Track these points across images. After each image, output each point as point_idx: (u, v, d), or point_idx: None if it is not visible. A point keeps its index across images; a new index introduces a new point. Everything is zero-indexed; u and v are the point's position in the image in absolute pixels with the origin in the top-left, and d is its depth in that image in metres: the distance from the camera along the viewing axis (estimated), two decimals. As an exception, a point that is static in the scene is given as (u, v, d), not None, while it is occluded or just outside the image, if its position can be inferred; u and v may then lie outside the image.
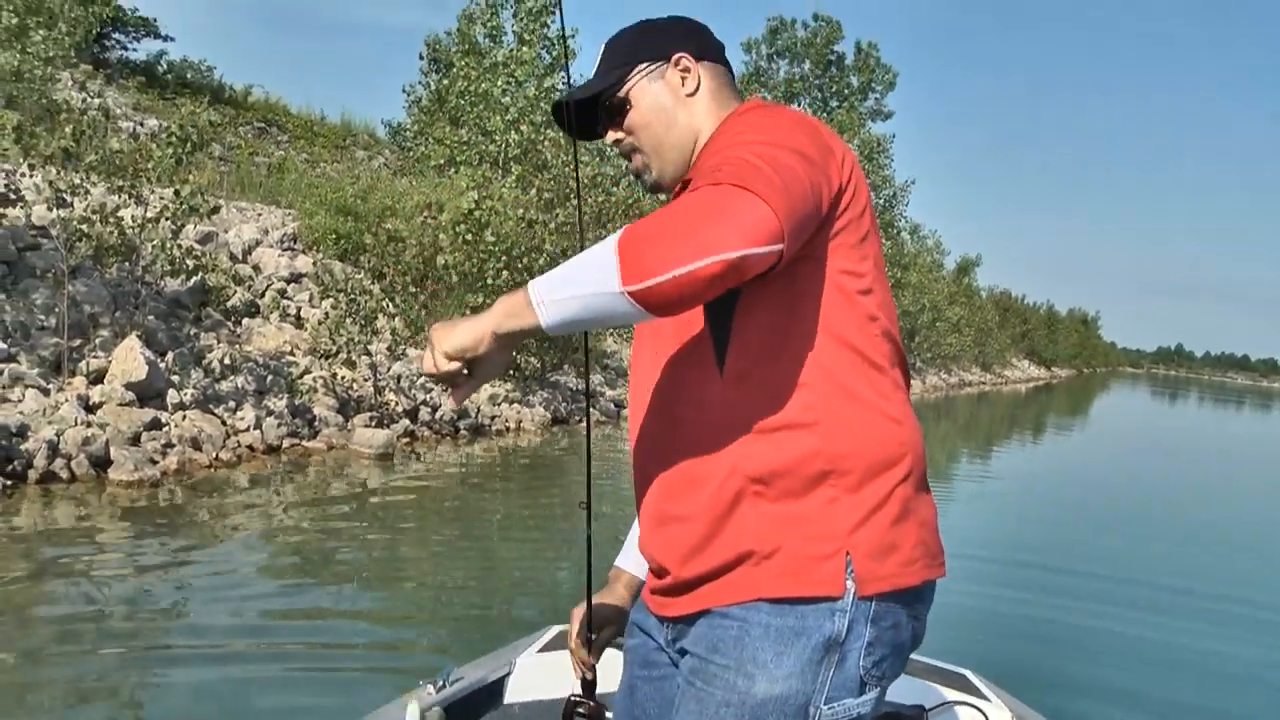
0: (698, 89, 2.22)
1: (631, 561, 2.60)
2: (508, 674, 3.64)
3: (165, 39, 28.64)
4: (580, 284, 1.78)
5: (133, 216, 12.83)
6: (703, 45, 2.27)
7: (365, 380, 15.02)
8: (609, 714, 2.50)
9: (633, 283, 1.73)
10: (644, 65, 2.21)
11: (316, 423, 13.57)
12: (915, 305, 49.58)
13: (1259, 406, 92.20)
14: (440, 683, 3.38)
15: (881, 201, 50.35)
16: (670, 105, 2.21)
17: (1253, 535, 16.16)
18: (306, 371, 14.48)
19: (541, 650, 3.80)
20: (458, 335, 1.89)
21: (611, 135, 2.27)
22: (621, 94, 2.22)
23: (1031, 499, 18.21)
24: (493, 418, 16.97)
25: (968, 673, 4.05)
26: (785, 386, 2.00)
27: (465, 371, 1.94)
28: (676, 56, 2.22)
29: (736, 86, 2.32)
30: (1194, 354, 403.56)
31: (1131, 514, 17.04)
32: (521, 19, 27.92)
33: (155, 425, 11.16)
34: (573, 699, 2.57)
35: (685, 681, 2.06)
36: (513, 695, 3.61)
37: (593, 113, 2.27)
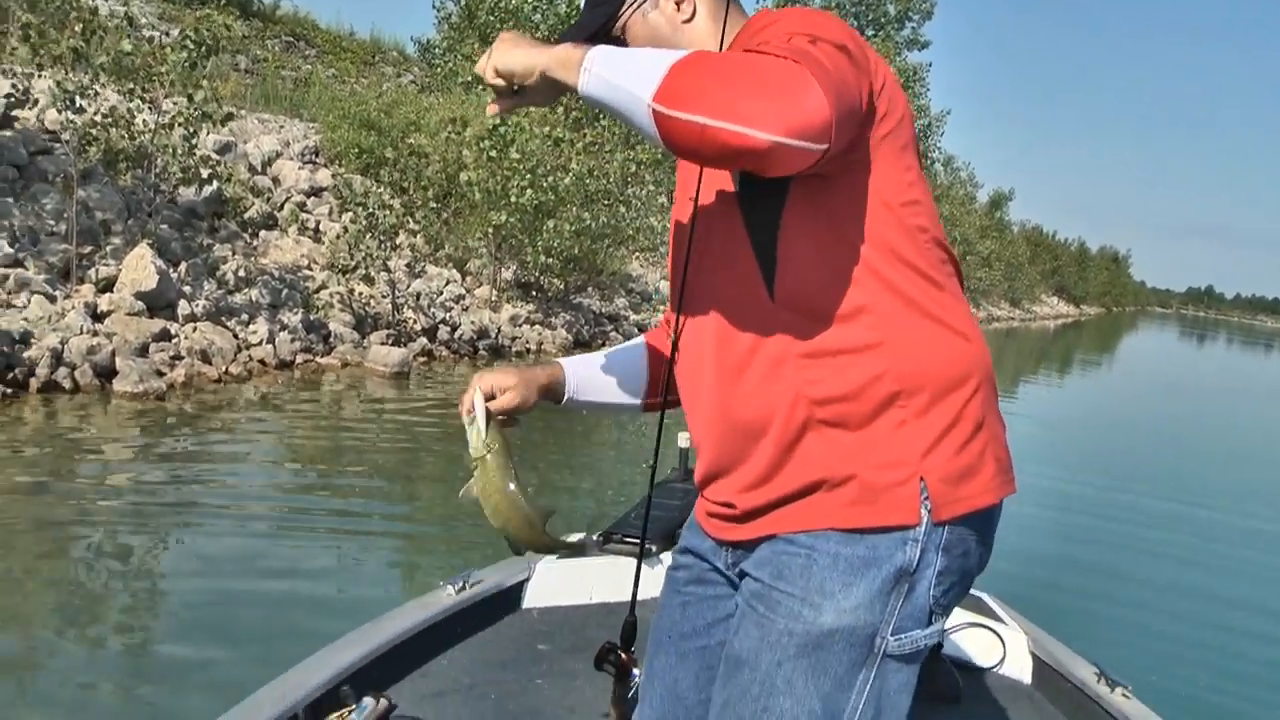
0: (694, 14, 2.10)
1: (576, 370, 2.42)
2: (527, 579, 3.78)
3: (195, -51, 28.15)
4: (626, 75, 1.74)
5: (144, 122, 12.46)
6: None
7: (383, 297, 14.71)
8: (636, 671, 2.43)
9: (661, 103, 1.68)
10: None
11: (331, 339, 13.27)
12: (946, 238, 49.03)
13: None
14: (460, 584, 3.48)
15: (916, 131, 49.62)
16: (668, 35, 2.09)
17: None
18: (323, 286, 14.18)
19: (561, 556, 3.82)
20: (514, 58, 1.87)
21: None
22: (614, 32, 2.10)
23: (1056, 433, 18.22)
24: (513, 339, 16.66)
25: (985, 596, 4.14)
26: (842, 308, 1.91)
27: (513, 88, 1.91)
28: None
29: (739, 1, 2.18)
30: (1224, 296, 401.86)
31: (1156, 451, 16.98)
32: (553, -65, 27.35)
33: (164, 336, 10.87)
34: (607, 646, 2.50)
35: (746, 605, 2.00)
36: (531, 600, 3.77)
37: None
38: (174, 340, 10.99)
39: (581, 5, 2.20)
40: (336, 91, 21.85)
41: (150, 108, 12.51)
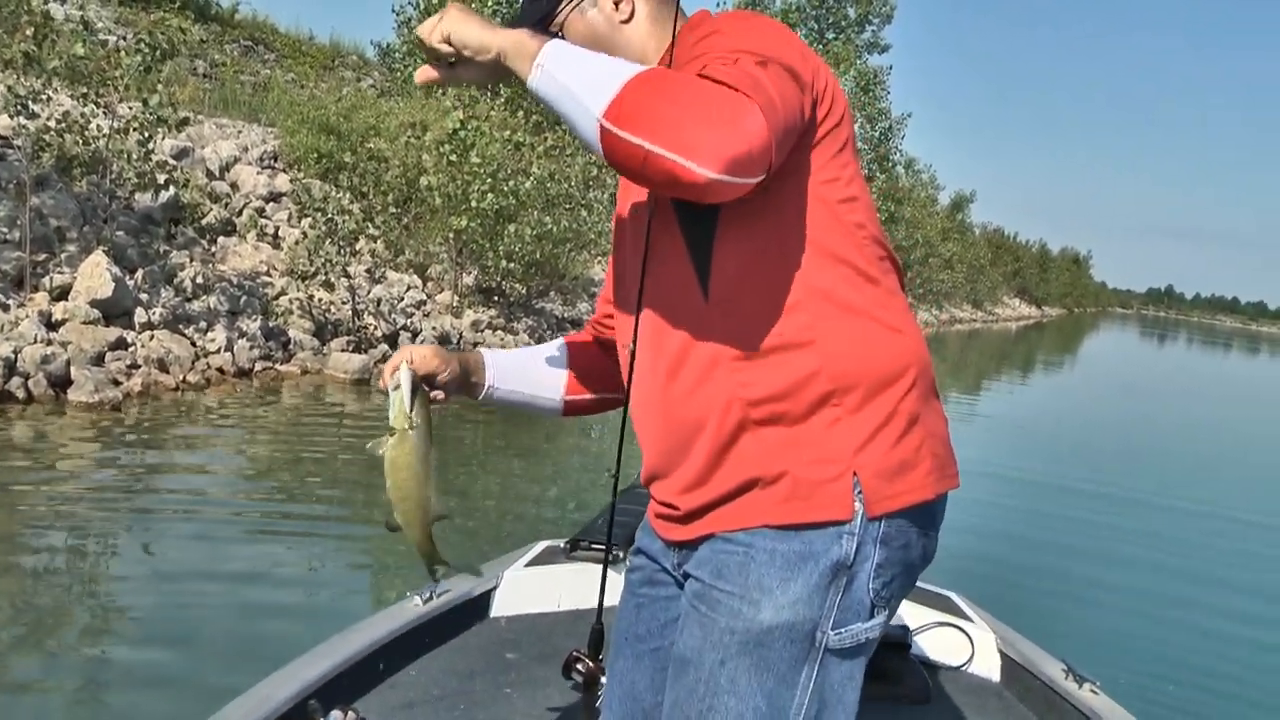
0: (633, 13, 2.10)
1: (497, 360, 2.42)
2: (494, 588, 3.76)
3: (154, -48, 27.86)
4: (579, 81, 1.74)
5: (97, 127, 12.29)
6: None
7: (344, 303, 14.58)
8: (604, 679, 2.41)
9: (611, 120, 1.69)
10: None
11: (291, 345, 13.14)
12: (909, 240, 49.16)
13: (1246, 350, 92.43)
14: (428, 594, 3.47)
15: (877, 134, 49.77)
16: (606, 34, 2.09)
17: (1233, 467, 16.14)
18: (282, 293, 14.04)
19: (529, 564, 3.90)
20: (469, 31, 1.85)
21: None
22: (550, 28, 2.07)
23: (1021, 432, 18.47)
24: (475, 344, 16.54)
25: (953, 595, 4.13)
26: (775, 308, 1.93)
27: (451, 61, 1.90)
28: None
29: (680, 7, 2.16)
30: (1184, 296, 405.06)
31: (1118, 449, 17.16)
32: (513, -62, 27.27)
33: (121, 345, 10.72)
34: (574, 654, 2.55)
35: (689, 605, 2.02)
36: (499, 609, 3.74)
37: None
38: (130, 349, 10.84)
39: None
40: (295, 96, 21.69)
41: (105, 112, 12.35)
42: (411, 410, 2.15)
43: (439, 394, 2.27)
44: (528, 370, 2.44)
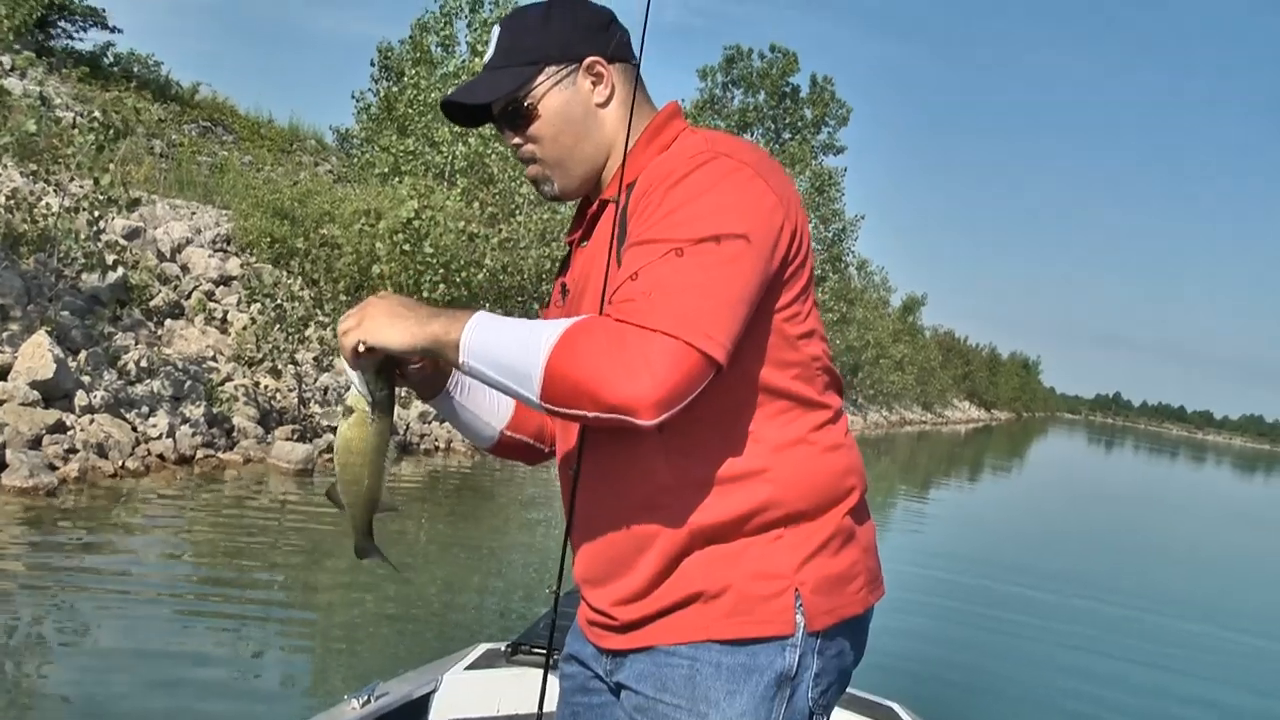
0: (610, 98, 2.10)
1: (465, 382, 2.36)
2: (434, 690, 3.66)
3: (113, 30, 27.79)
4: (503, 369, 1.84)
5: (47, 205, 12.15)
6: (614, 43, 2.12)
7: (290, 391, 14.41)
8: None
9: (547, 403, 1.81)
10: (552, 69, 2.07)
11: (235, 433, 12.93)
12: (860, 341, 49.45)
13: (1192, 459, 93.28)
14: (365, 698, 3.35)
15: (831, 235, 50.16)
16: (580, 117, 2.09)
17: (1182, 575, 16.25)
18: (228, 379, 13.84)
19: (469, 668, 3.82)
20: (389, 337, 1.92)
21: (510, 138, 2.15)
22: (526, 100, 2.08)
23: (965, 536, 18.67)
24: (422, 435, 16.37)
25: (895, 705, 4.10)
26: (729, 439, 1.96)
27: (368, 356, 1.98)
28: (589, 60, 2.08)
29: (645, 88, 2.17)
30: (1131, 403, 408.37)
31: (1061, 554, 17.15)
32: (476, 29, 27.46)
33: (59, 428, 10.49)
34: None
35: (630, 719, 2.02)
36: (438, 713, 3.65)
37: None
38: (69, 432, 10.61)
39: (487, 60, 2.13)
40: (251, 179, 21.60)
41: (56, 190, 12.22)
42: (375, 391, 2.07)
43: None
44: (485, 393, 2.37)
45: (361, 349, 1.95)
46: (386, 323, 1.92)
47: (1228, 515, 35.34)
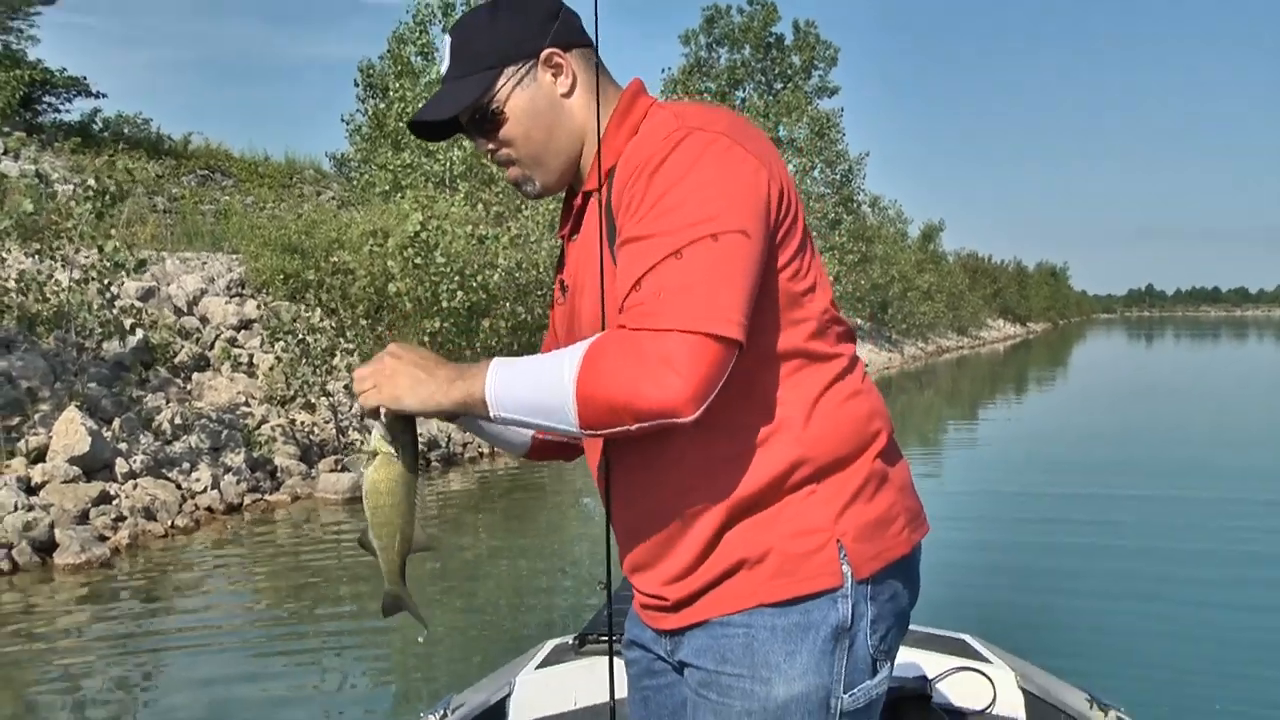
0: (573, 87, 2.10)
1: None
2: (508, 694, 3.66)
3: (98, 96, 27.92)
4: (535, 410, 1.89)
5: (56, 281, 12.18)
6: (568, 29, 2.11)
7: (326, 423, 14.43)
8: None
9: (587, 428, 1.85)
10: (510, 69, 2.06)
11: (279, 474, 12.95)
12: (884, 277, 49.22)
13: (1234, 336, 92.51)
14: (441, 712, 3.37)
15: (838, 177, 49.89)
16: (546, 111, 2.09)
17: (1245, 468, 15.84)
18: (263, 421, 13.87)
19: (540, 666, 3.83)
20: (411, 401, 1.96)
21: (483, 145, 2.14)
22: (491, 105, 2.07)
23: (1018, 454, 18.33)
24: (465, 444, 16.37)
25: (966, 636, 4.09)
26: (752, 410, 1.98)
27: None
28: (546, 53, 2.07)
29: (607, 69, 2.16)
30: (1164, 293, 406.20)
31: (1119, 460, 16.83)
32: (452, 33, 27.37)
33: (104, 499, 10.52)
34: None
35: (696, 695, 2.05)
36: (515, 714, 3.62)
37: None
38: (115, 501, 10.64)
39: (443, 68, 2.12)
40: (255, 219, 21.63)
41: (63, 265, 12.24)
42: (399, 434, 2.06)
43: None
44: None
45: (384, 412, 1.99)
46: (408, 387, 1.95)
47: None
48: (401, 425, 2.04)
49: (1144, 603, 8.54)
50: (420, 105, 17.38)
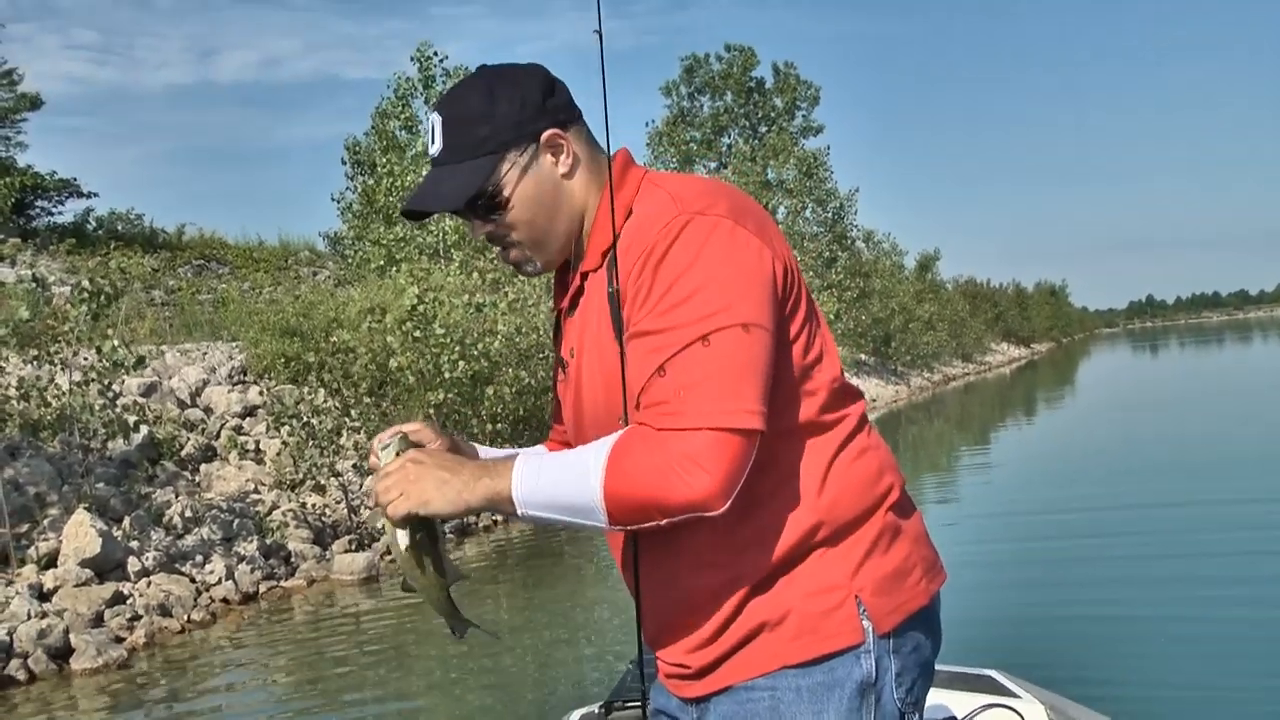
0: (574, 167, 2.07)
1: (489, 453, 2.35)
2: None
3: (89, 195, 28.11)
4: (563, 506, 1.91)
5: (56, 385, 12.16)
6: (564, 106, 2.09)
7: (338, 503, 14.36)
8: None
9: (616, 524, 1.89)
10: (513, 154, 2.02)
11: (293, 559, 12.87)
12: (884, 311, 49.22)
13: (1238, 340, 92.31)
14: None
15: (829, 214, 49.94)
16: (550, 195, 2.06)
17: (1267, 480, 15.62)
18: (274, 507, 13.82)
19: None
20: (437, 504, 1.97)
21: (481, 229, 2.10)
22: (494, 193, 2.02)
23: (1034, 481, 18.10)
24: (478, 514, 16.25)
25: (993, 673, 4.07)
26: (771, 485, 1.98)
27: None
28: (548, 135, 2.04)
29: (592, 134, 2.15)
30: (1165, 302, 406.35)
31: (1137, 480, 16.48)
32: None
33: (118, 599, 10.44)
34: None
35: None
36: None
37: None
38: (129, 601, 10.56)
39: (434, 150, 2.07)
40: (252, 305, 21.66)
41: (62, 368, 12.22)
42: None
43: None
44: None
45: (414, 518, 2.01)
46: (435, 489, 1.96)
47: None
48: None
49: (1171, 624, 8.42)
50: (408, 179, 17.37)
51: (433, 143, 2.08)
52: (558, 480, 1.91)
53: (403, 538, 2.07)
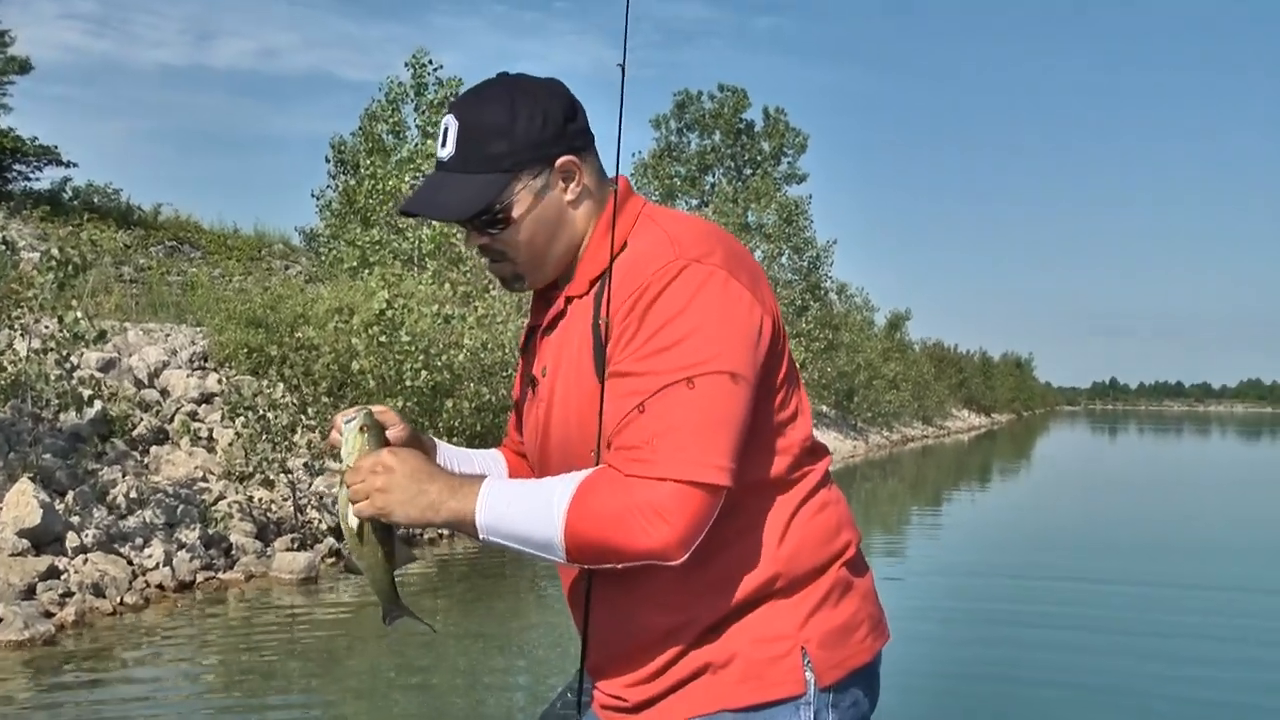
0: (581, 195, 2.06)
1: (445, 448, 2.40)
2: None
3: (69, 165, 27.91)
4: (524, 538, 1.92)
5: (14, 350, 12.00)
6: (581, 132, 2.07)
7: (285, 500, 14.22)
8: None
9: (574, 561, 1.92)
10: (526, 175, 2.00)
11: (234, 551, 12.71)
12: (850, 365, 49.29)
13: (1197, 432, 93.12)
14: None
15: (805, 263, 50.03)
16: (553, 219, 2.04)
17: (1206, 560, 16.02)
18: (221, 497, 13.66)
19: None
20: (406, 512, 1.97)
21: (477, 240, 2.09)
22: (500, 210, 2.01)
23: (980, 547, 18.27)
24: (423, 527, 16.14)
25: None
26: (732, 536, 1.97)
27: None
28: (563, 161, 2.02)
29: (600, 158, 2.13)
30: (1128, 386, 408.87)
31: (1086, 556, 16.83)
32: (424, 112, 27.43)
33: (52, 574, 10.28)
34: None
35: None
36: None
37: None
38: (63, 576, 10.40)
39: (444, 153, 2.04)
40: (221, 292, 21.50)
41: (22, 334, 12.08)
42: (366, 444, 2.06)
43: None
44: (471, 461, 2.41)
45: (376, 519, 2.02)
46: (399, 504, 1.96)
47: (1244, 482, 35.11)
48: (374, 446, 2.06)
49: (1106, 695, 8.59)
50: (390, 183, 17.27)
51: (443, 145, 2.05)
52: (523, 511, 1.91)
53: (354, 516, 2.06)
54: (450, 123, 2.03)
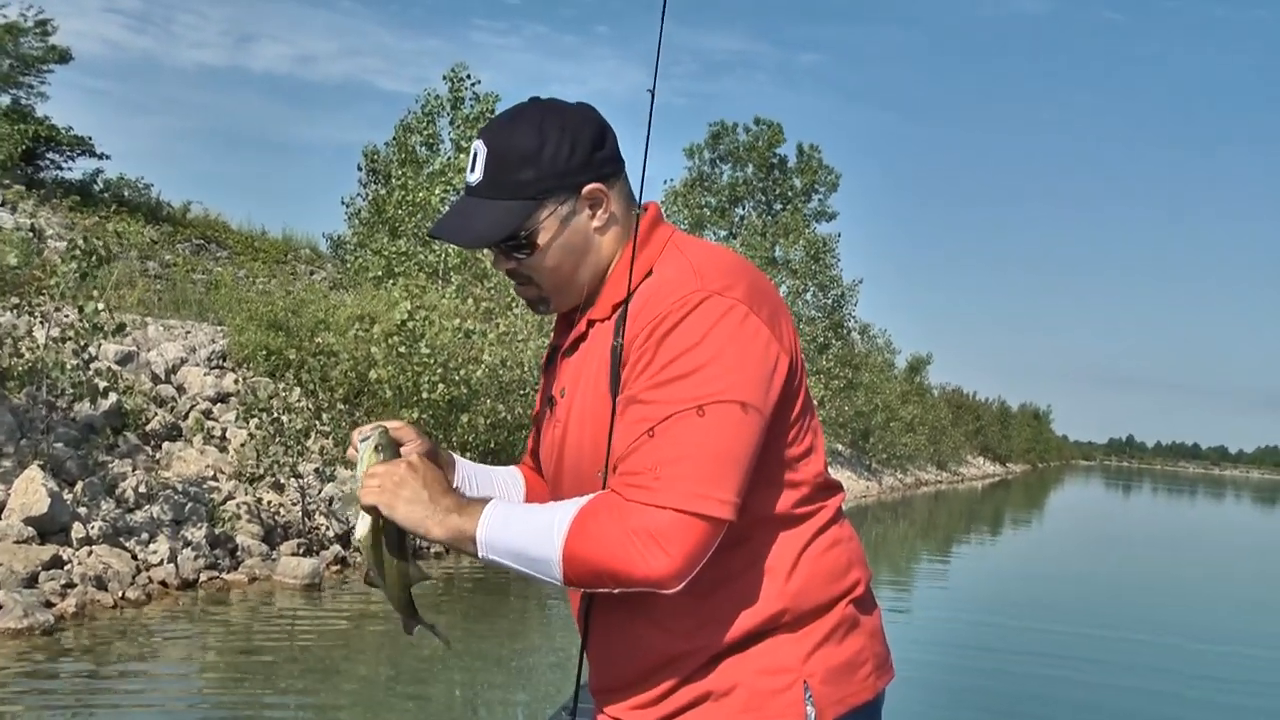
0: (608, 223, 2.07)
1: (465, 464, 2.42)
2: None
3: (101, 157, 27.94)
4: (521, 559, 1.93)
5: (32, 337, 11.99)
6: (610, 160, 2.08)
7: (294, 504, 14.17)
8: None
9: (571, 584, 1.91)
10: (553, 202, 2.02)
11: (239, 552, 12.66)
12: (868, 405, 49.14)
13: (1211, 496, 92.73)
14: None
15: (830, 301, 49.96)
16: (580, 246, 2.06)
17: (1207, 626, 16.02)
18: (230, 497, 13.61)
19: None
20: (409, 516, 1.99)
21: (504, 264, 2.11)
22: (526, 236, 2.03)
23: (991, 596, 18.30)
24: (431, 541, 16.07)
25: None
26: (743, 564, 1.99)
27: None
28: (591, 189, 2.03)
29: (629, 183, 2.15)
30: (1145, 444, 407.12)
31: (1091, 608, 16.80)
32: (459, 126, 27.45)
33: (56, 563, 10.24)
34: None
35: None
36: None
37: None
38: (66, 567, 10.35)
39: (473, 178, 2.05)
40: (244, 293, 21.50)
41: (41, 321, 12.06)
42: (383, 458, 2.09)
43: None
44: (492, 479, 2.42)
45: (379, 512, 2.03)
46: (405, 504, 1.98)
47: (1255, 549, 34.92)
48: (390, 456, 2.11)
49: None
50: (420, 195, 17.28)
51: (472, 170, 2.06)
52: (523, 532, 1.92)
53: (366, 525, 2.08)
54: (479, 148, 2.05)
